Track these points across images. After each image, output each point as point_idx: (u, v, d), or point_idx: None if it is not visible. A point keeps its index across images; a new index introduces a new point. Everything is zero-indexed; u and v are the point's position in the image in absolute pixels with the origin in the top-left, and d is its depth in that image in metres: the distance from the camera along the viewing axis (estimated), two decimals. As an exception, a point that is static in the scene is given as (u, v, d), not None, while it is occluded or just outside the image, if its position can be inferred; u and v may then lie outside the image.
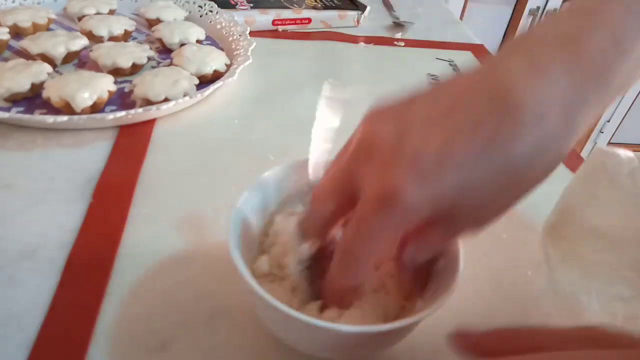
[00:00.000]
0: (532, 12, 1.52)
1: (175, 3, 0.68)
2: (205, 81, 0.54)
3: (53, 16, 0.60)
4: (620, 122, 1.65)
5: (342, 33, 0.73)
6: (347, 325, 0.23)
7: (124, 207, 0.37)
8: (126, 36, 0.61)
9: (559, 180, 0.46)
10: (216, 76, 0.54)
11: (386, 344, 0.27)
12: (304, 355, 0.28)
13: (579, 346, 0.17)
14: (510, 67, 0.20)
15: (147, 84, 0.48)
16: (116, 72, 0.52)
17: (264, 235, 0.32)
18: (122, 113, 0.44)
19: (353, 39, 0.71)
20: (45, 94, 0.46)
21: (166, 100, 0.48)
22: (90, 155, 0.43)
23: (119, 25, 0.59)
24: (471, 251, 0.27)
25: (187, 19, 0.66)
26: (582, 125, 0.20)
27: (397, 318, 0.28)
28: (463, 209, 0.22)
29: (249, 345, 0.29)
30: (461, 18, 1.50)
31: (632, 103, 1.59)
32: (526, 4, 1.50)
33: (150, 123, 0.48)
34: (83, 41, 0.55)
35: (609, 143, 1.69)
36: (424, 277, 0.28)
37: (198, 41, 0.60)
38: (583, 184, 0.28)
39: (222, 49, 0.60)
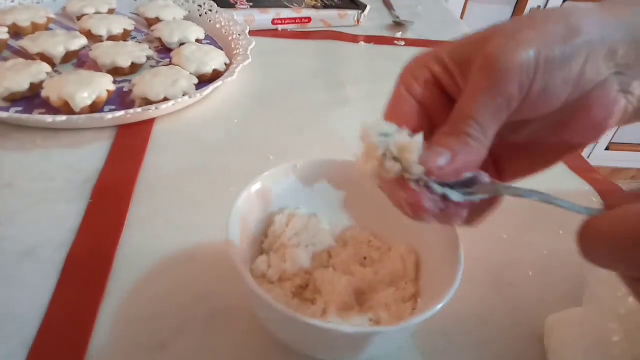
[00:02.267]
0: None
1: (174, 2, 0.68)
2: (204, 81, 0.54)
3: (52, 16, 0.60)
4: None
5: (343, 32, 0.73)
6: (346, 326, 0.23)
7: (123, 207, 0.37)
8: (125, 35, 0.61)
9: (559, 180, 0.46)
10: (216, 76, 0.54)
11: (386, 345, 0.27)
12: (303, 355, 0.28)
13: None
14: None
15: (146, 84, 0.48)
16: (115, 71, 0.52)
17: (264, 235, 0.32)
18: (121, 113, 0.44)
19: (353, 39, 0.71)
20: (44, 93, 0.46)
21: (165, 99, 0.48)
22: (89, 155, 0.43)
23: (118, 25, 0.59)
24: (472, 251, 0.27)
25: (186, 18, 0.66)
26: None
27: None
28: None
29: (248, 346, 0.29)
30: (462, 17, 1.49)
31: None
32: (527, 3, 1.50)
33: (150, 123, 0.48)
34: (82, 41, 0.55)
35: (610, 143, 1.68)
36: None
37: (197, 40, 0.60)
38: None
39: (221, 49, 0.60)
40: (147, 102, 0.48)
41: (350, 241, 0.33)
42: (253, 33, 0.65)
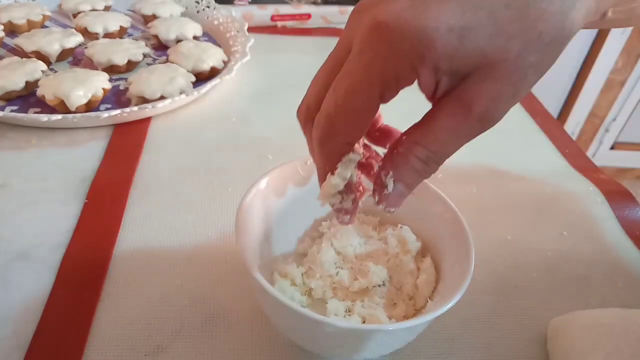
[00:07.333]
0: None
1: (171, -1, 0.67)
2: (202, 78, 0.53)
3: (48, 13, 0.60)
4: (627, 121, 1.63)
5: (343, 29, 0.72)
6: (343, 321, 0.22)
7: (119, 208, 0.37)
8: (122, 33, 0.60)
9: (563, 180, 0.45)
10: (213, 73, 0.54)
11: (394, 344, 0.26)
12: (301, 357, 0.27)
13: None
14: None
15: (142, 82, 0.47)
16: (111, 69, 0.52)
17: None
18: (117, 111, 0.43)
19: (353, 35, 0.70)
20: (39, 92, 0.45)
21: (162, 98, 0.47)
22: (85, 155, 0.42)
23: (115, 22, 0.59)
24: (476, 253, 0.26)
25: (183, 14, 0.65)
26: None
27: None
28: (473, 79, 0.18)
29: (246, 349, 0.28)
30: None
31: (638, 102, 1.57)
32: None
33: (146, 121, 0.47)
34: (78, 38, 0.54)
35: (615, 142, 1.67)
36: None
37: (195, 37, 0.60)
38: None
39: (219, 46, 0.59)
40: (144, 100, 0.47)
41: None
42: (251, 30, 0.64)
